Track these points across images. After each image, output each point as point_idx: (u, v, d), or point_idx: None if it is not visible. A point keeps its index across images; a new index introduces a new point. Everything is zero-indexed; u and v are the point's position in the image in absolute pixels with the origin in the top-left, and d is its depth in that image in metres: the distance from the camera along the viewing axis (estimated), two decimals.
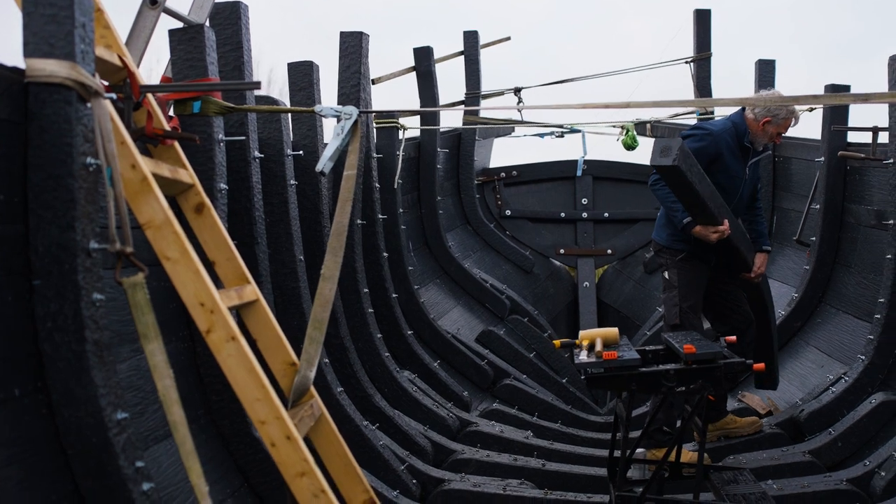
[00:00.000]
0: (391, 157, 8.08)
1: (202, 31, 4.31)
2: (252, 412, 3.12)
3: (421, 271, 8.92)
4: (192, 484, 2.84)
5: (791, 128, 5.96)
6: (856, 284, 7.25)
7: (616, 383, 4.57)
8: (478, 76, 10.30)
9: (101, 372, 2.97)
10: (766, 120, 5.84)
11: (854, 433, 5.97)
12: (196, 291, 3.12)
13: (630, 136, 10.10)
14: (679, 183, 5.47)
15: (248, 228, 4.85)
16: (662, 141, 5.48)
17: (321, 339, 3.76)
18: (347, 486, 3.68)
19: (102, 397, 2.95)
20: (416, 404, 6.57)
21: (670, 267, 6.07)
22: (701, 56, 10.01)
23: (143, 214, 3.12)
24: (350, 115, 4.14)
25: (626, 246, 11.05)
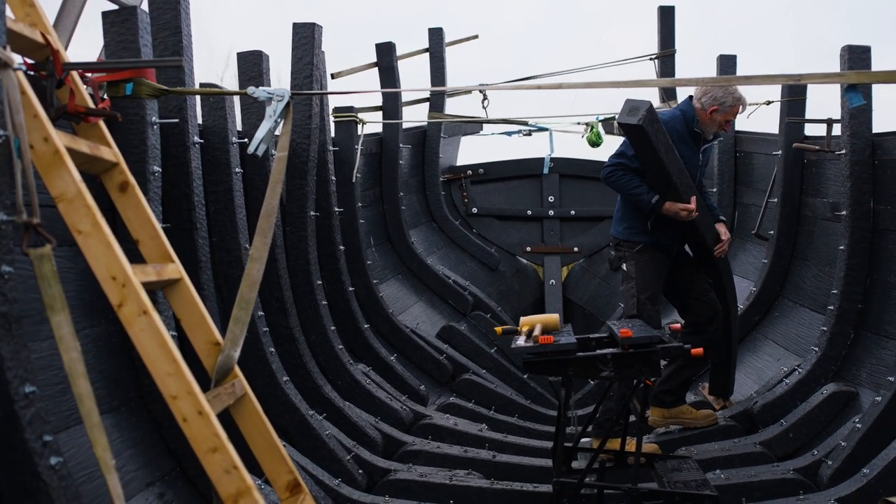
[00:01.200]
0: (349, 150, 8.05)
1: (135, 14, 4.27)
2: (163, 387, 3.08)
3: (382, 266, 8.89)
4: (97, 457, 2.80)
5: (739, 115, 6.00)
6: (812, 277, 7.26)
7: (552, 368, 4.54)
8: (443, 74, 10.27)
9: (9, 345, 2.93)
10: (714, 108, 5.86)
11: (805, 424, 5.98)
12: (108, 265, 3.08)
13: (595, 132, 10.08)
14: (644, 145, 5.46)
15: (187, 213, 4.81)
16: (632, 101, 5.44)
17: (247, 319, 3.72)
18: (271, 466, 3.63)
19: (9, 370, 2.91)
20: (369, 396, 6.52)
21: (628, 259, 6.06)
22: (665, 53, 10.00)
23: (56, 188, 3.07)
24: (282, 96, 4.12)
25: (593, 243, 11.03)
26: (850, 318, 6.32)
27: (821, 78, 4.13)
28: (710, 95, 5.86)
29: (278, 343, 5.89)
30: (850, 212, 6.31)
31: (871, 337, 6.17)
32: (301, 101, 6.63)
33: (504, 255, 10.90)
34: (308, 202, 6.64)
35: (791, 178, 7.50)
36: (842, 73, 4.12)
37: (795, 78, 4.04)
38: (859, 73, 4.11)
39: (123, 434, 3.99)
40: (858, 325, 6.30)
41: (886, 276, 6.12)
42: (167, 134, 4.69)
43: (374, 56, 9.50)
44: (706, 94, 5.89)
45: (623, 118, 5.36)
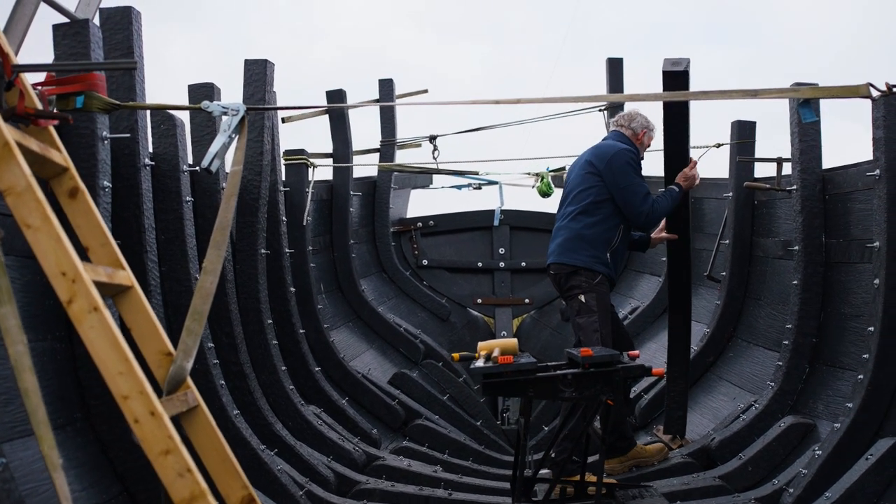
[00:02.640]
0: (300, 193, 7.98)
1: (87, 27, 4.19)
2: (114, 386, 2.94)
3: (332, 314, 8.76)
4: (43, 455, 2.65)
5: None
6: (766, 316, 7.27)
7: (512, 388, 4.46)
8: (393, 124, 10.29)
9: None
10: (644, 132, 6.27)
11: (764, 457, 5.92)
12: (57, 260, 2.96)
13: (545, 182, 10.16)
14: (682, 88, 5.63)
15: (137, 235, 4.68)
16: (672, 59, 5.60)
17: (199, 331, 3.59)
18: (224, 481, 3.47)
19: None
20: (321, 437, 6.35)
21: (587, 290, 5.93)
22: (614, 104, 10.11)
23: (4, 181, 2.95)
24: (237, 110, 4.04)
25: (544, 295, 10.99)
26: (805, 352, 6.32)
27: (776, 93, 4.16)
28: (636, 121, 6.29)
29: (228, 378, 5.73)
30: (802, 246, 6.35)
31: (826, 370, 6.17)
32: (252, 139, 6.57)
33: (455, 307, 10.83)
34: (259, 240, 6.53)
35: (742, 218, 7.56)
36: (796, 87, 4.16)
37: (752, 93, 4.06)
38: (814, 88, 4.15)
39: (68, 453, 3.81)
40: (814, 359, 6.30)
41: (840, 307, 6.14)
42: (117, 154, 4.58)
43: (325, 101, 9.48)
44: (632, 120, 6.30)
45: (668, 67, 5.51)
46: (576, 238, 6.02)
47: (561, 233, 6.12)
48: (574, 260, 6.00)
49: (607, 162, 5.98)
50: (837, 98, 4.16)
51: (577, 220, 6.05)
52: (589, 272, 5.95)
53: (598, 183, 6.00)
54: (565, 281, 6.07)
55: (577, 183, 6.13)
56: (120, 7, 4.67)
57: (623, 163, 5.99)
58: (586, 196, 6.00)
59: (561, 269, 6.08)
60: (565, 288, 6.08)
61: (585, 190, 6.03)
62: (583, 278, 5.95)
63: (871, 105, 5.34)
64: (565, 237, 6.09)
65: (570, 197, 6.15)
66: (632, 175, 5.99)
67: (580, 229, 6.00)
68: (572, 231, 6.04)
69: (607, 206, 6.00)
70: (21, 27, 3.91)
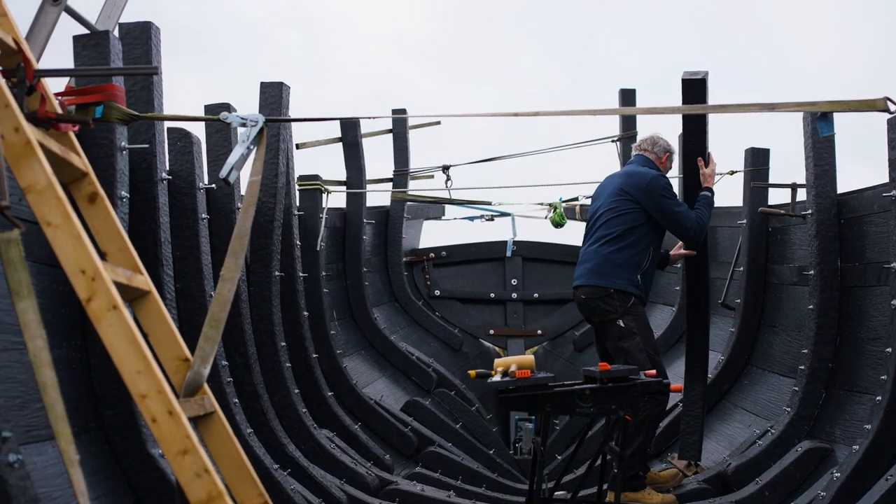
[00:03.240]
0: (314, 218, 8.00)
1: (107, 38, 4.22)
2: (132, 385, 2.91)
3: (345, 341, 8.74)
4: (60, 450, 2.63)
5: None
6: (781, 343, 7.23)
7: (529, 403, 4.42)
8: (406, 154, 10.33)
9: None
10: (667, 155, 6.37)
11: (781, 481, 5.85)
12: (77, 258, 2.95)
13: (558, 213, 10.16)
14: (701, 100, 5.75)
15: (153, 249, 4.69)
16: (691, 71, 5.79)
17: (217, 338, 3.58)
18: (241, 488, 3.43)
19: None
20: (334, 460, 6.31)
21: (624, 314, 5.93)
22: (627, 135, 10.16)
23: (25, 178, 2.96)
24: (256, 121, 4.06)
25: (557, 326, 10.96)
26: (821, 377, 6.27)
27: (793, 106, 4.17)
28: (658, 145, 6.38)
29: (241, 398, 5.71)
30: (817, 271, 6.32)
31: (843, 394, 6.12)
32: (267, 160, 6.59)
33: (467, 338, 10.80)
34: (273, 262, 6.54)
35: (757, 245, 7.54)
36: (814, 102, 4.14)
37: (769, 106, 4.07)
38: (831, 102, 4.13)
39: (82, 462, 3.76)
40: (830, 384, 6.25)
41: (857, 331, 6.10)
42: (135, 167, 4.60)
43: (339, 131, 9.52)
44: (655, 144, 6.39)
45: (687, 75, 5.68)
46: (607, 262, 6.02)
47: (590, 257, 6.12)
48: (606, 282, 5.99)
49: (645, 191, 6.04)
50: (854, 112, 4.15)
51: (608, 244, 6.05)
52: (621, 294, 5.95)
53: (632, 209, 6.05)
54: (597, 305, 6.05)
55: (607, 208, 6.14)
56: (139, 22, 4.71)
57: (661, 188, 6.07)
58: (620, 223, 6.03)
59: (592, 291, 6.06)
60: (598, 312, 6.06)
61: (619, 217, 6.06)
62: (616, 302, 5.94)
63: (887, 126, 5.35)
64: (596, 262, 6.08)
65: (600, 223, 6.16)
66: (673, 199, 6.09)
67: (610, 254, 6.01)
68: (603, 256, 6.04)
69: (639, 231, 6.05)
70: (42, 37, 3.95)
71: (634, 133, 10.16)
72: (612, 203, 6.13)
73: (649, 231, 6.08)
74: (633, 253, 6.02)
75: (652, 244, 6.12)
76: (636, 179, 6.12)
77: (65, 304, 3.96)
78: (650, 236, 6.10)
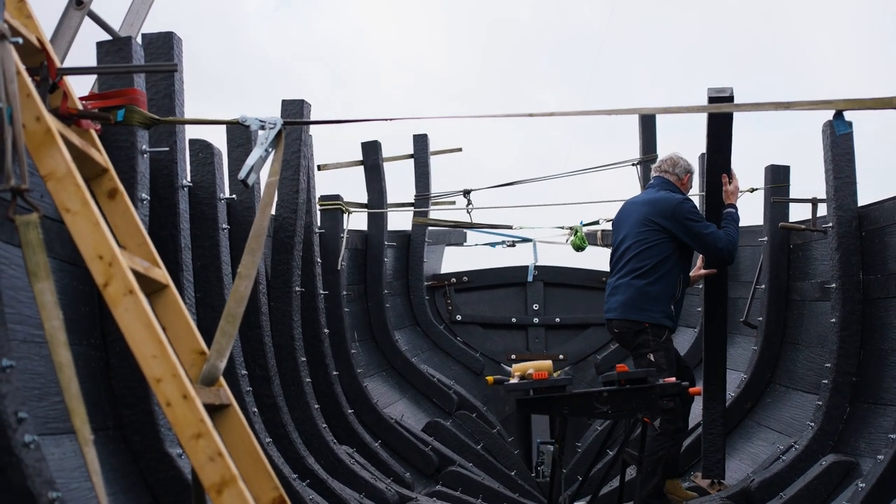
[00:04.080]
0: (335, 237, 8.04)
1: (129, 44, 4.29)
2: (148, 369, 2.93)
3: (366, 362, 8.74)
4: (75, 429, 2.65)
5: None
6: (804, 360, 7.16)
7: (547, 406, 4.40)
8: (427, 179, 10.35)
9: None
10: (688, 176, 6.32)
11: (805, 496, 5.78)
12: (95, 244, 2.98)
13: (579, 236, 10.16)
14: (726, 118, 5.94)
15: (174, 255, 4.72)
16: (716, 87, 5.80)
17: (234, 333, 3.60)
18: (256, 481, 3.43)
19: None
20: (353, 475, 6.29)
21: (655, 350, 5.89)
22: (647, 158, 10.16)
23: (45, 166, 3.01)
24: (274, 124, 4.10)
25: (579, 351, 10.91)
26: (845, 392, 6.20)
27: (809, 105, 4.16)
28: (679, 166, 6.32)
29: (261, 410, 5.71)
30: (839, 284, 6.28)
31: (868, 407, 6.04)
32: (288, 177, 6.65)
33: (489, 362, 10.75)
34: (293, 277, 6.57)
35: (778, 262, 7.50)
36: (829, 100, 4.14)
37: (784, 105, 4.07)
38: (847, 100, 4.12)
39: (99, 460, 3.79)
40: (854, 398, 6.18)
41: (880, 344, 6.04)
42: (156, 174, 4.65)
43: (360, 155, 9.58)
44: (675, 165, 6.33)
45: (713, 94, 5.70)
46: (642, 296, 5.96)
47: (623, 290, 6.05)
48: (643, 317, 5.95)
49: (672, 218, 5.99)
50: (870, 109, 4.14)
51: (641, 277, 5.98)
52: (657, 328, 5.92)
53: (661, 239, 5.99)
54: (632, 338, 6.03)
55: (635, 239, 6.08)
56: (162, 32, 4.78)
57: (687, 212, 6.05)
58: (651, 255, 5.98)
59: (628, 326, 6.03)
60: (632, 345, 6.04)
61: (649, 248, 6.00)
62: (650, 337, 5.91)
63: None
64: (629, 295, 6.01)
65: (630, 254, 6.08)
66: (701, 222, 6.06)
67: (644, 287, 5.95)
68: (637, 289, 5.98)
69: (671, 261, 6.01)
70: (66, 39, 4.02)
71: (655, 156, 10.13)
72: (641, 234, 6.05)
73: (679, 259, 6.06)
74: (667, 284, 5.99)
75: (682, 272, 6.11)
76: (661, 207, 6.07)
77: (85, 302, 3.99)
78: (680, 265, 6.08)
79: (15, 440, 2.76)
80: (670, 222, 5.98)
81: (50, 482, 2.90)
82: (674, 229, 5.97)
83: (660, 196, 6.15)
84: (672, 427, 5.85)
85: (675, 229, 5.97)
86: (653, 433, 5.84)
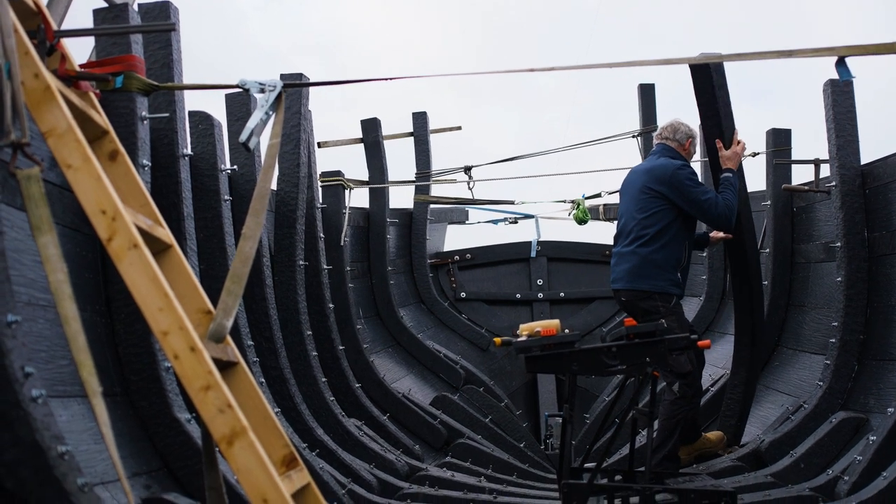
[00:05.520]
0: (337, 213, 8.01)
1: (126, 10, 4.26)
2: (154, 323, 2.91)
3: (372, 338, 8.72)
4: (82, 380, 2.63)
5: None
6: (811, 322, 7.15)
7: (556, 363, 4.38)
8: (427, 156, 10.31)
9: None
10: (689, 140, 6.22)
11: (816, 453, 5.77)
12: (97, 199, 2.97)
13: (581, 209, 10.12)
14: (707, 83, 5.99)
15: (177, 223, 4.70)
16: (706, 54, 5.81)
17: (239, 292, 3.58)
18: (266, 439, 3.41)
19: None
20: (363, 447, 6.28)
21: (666, 315, 5.78)
22: (647, 129, 10.11)
23: (45, 123, 2.99)
24: (274, 87, 4.07)
25: (584, 324, 10.87)
26: (853, 349, 6.18)
27: (811, 52, 4.12)
28: (680, 132, 6.24)
29: (269, 382, 5.70)
30: (844, 243, 6.26)
31: (876, 364, 6.03)
32: (288, 151, 6.63)
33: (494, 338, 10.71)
34: (296, 251, 6.55)
35: (782, 226, 7.48)
36: (832, 47, 4.10)
37: (786, 53, 4.03)
38: (850, 46, 4.09)
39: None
40: (862, 355, 6.17)
41: (887, 300, 6.02)
42: (156, 144, 4.63)
43: (360, 132, 9.55)
44: (676, 131, 6.24)
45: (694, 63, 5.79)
46: (647, 264, 5.93)
47: (628, 258, 6.02)
48: (649, 286, 5.91)
49: (669, 184, 5.93)
50: (874, 55, 4.10)
51: (645, 245, 5.95)
52: (664, 296, 5.89)
53: (661, 207, 5.95)
54: (640, 307, 5.99)
55: (637, 208, 6.05)
56: (158, 2, 4.75)
57: (684, 178, 5.97)
58: (653, 222, 5.93)
59: (635, 295, 5.99)
60: (641, 313, 5.98)
61: (650, 216, 5.96)
62: (659, 303, 5.87)
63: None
64: (634, 263, 5.98)
65: (633, 223, 6.06)
66: (698, 188, 5.99)
67: (649, 254, 5.91)
68: (641, 257, 5.94)
69: (674, 228, 5.96)
70: (62, 6, 3.99)
71: (655, 127, 10.06)
72: (642, 202, 6.02)
73: (682, 226, 6.01)
74: (671, 251, 5.95)
75: (687, 238, 6.07)
76: (658, 174, 6.02)
77: (88, 268, 3.98)
78: (684, 231, 6.03)
79: (22, 394, 2.76)
80: (667, 188, 5.93)
81: (59, 437, 2.89)
82: (671, 195, 5.92)
83: (658, 163, 6.11)
84: (690, 391, 5.84)
85: (672, 195, 5.92)
86: (671, 397, 5.84)
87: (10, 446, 2.77)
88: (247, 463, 2.81)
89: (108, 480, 3.45)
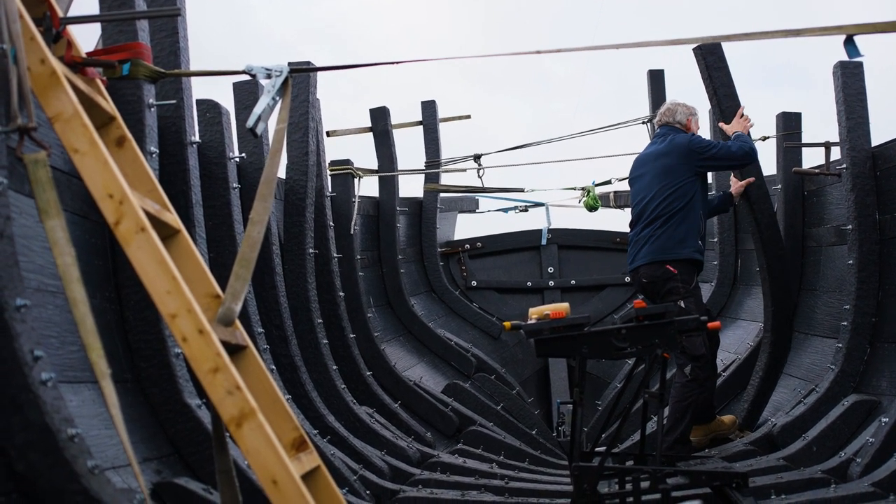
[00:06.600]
0: (346, 202, 8.02)
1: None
2: (162, 306, 2.92)
3: (383, 327, 8.72)
4: (91, 362, 2.64)
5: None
6: (823, 305, 7.11)
7: (565, 346, 4.38)
8: (437, 145, 10.29)
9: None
10: (690, 118, 6.42)
11: (828, 436, 5.75)
12: (104, 183, 2.97)
13: (592, 196, 10.09)
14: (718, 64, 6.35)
15: (185, 210, 4.70)
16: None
17: (248, 276, 3.59)
18: (275, 423, 3.41)
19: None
20: (374, 434, 6.29)
21: (685, 296, 5.92)
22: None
23: (52, 108, 3.00)
24: (280, 72, 4.07)
25: (595, 312, 10.84)
26: (865, 332, 6.15)
27: (819, 31, 4.09)
28: (679, 112, 6.44)
29: (280, 370, 5.71)
30: (856, 225, 6.22)
31: (888, 347, 6.00)
32: (297, 139, 6.63)
33: None
34: (306, 239, 6.56)
35: (793, 210, 7.45)
36: (840, 25, 4.08)
37: (794, 32, 4.02)
38: (859, 24, 4.07)
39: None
40: (875, 338, 6.13)
41: None
42: (164, 132, 4.63)
43: (368, 121, 9.54)
44: (675, 113, 6.45)
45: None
46: (670, 239, 6.07)
47: (650, 240, 6.12)
48: (674, 255, 6.04)
49: (688, 155, 6.14)
50: (884, 32, 4.08)
51: (668, 221, 6.09)
52: (687, 266, 6.04)
53: (685, 181, 6.09)
54: (661, 286, 6.06)
55: (657, 188, 6.16)
56: None
57: (699, 142, 6.21)
58: (677, 200, 6.08)
59: (656, 270, 6.06)
60: (661, 293, 6.05)
61: (674, 193, 6.10)
62: (679, 283, 5.96)
63: None
64: (660, 242, 6.10)
65: (654, 204, 6.15)
66: (711, 143, 6.27)
67: (672, 231, 6.06)
68: (665, 233, 6.08)
69: (696, 199, 6.14)
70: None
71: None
72: (664, 183, 6.15)
73: (701, 195, 6.21)
74: (692, 221, 6.12)
75: (703, 207, 6.26)
76: (677, 152, 6.18)
77: (98, 255, 3.99)
78: (701, 199, 6.23)
79: (32, 377, 2.77)
80: (689, 159, 6.12)
81: (68, 420, 2.90)
82: (695, 163, 6.13)
83: (675, 141, 6.21)
84: (702, 374, 5.85)
85: (696, 163, 6.13)
86: (682, 380, 5.84)
87: (20, 430, 2.78)
88: (256, 444, 2.81)
89: (119, 465, 3.46)
